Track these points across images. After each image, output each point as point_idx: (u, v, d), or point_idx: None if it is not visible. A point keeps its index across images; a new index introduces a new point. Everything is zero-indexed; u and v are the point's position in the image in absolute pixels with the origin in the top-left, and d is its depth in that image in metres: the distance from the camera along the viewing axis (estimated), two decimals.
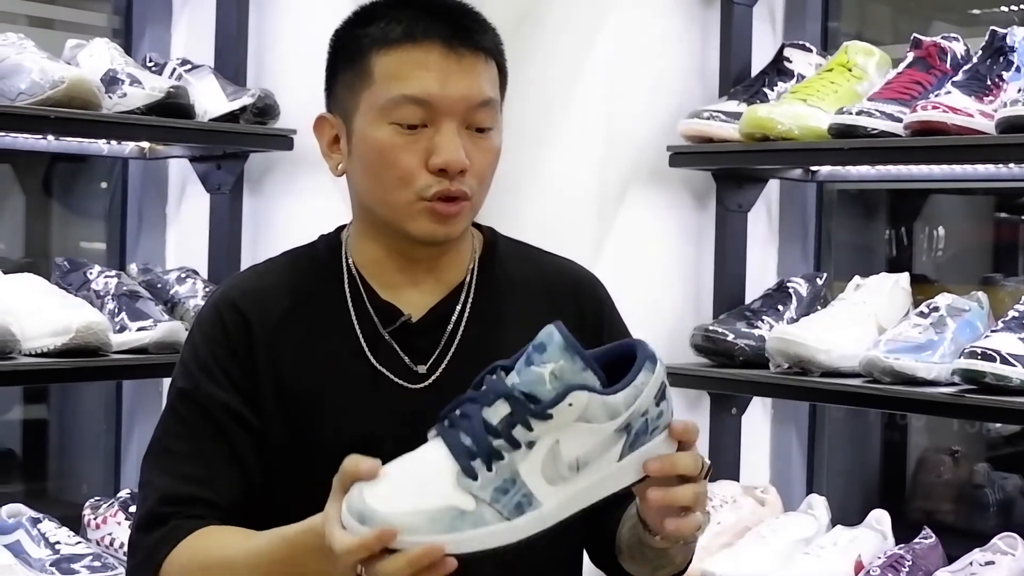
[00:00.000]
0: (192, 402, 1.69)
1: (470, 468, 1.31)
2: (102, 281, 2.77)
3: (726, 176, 2.98)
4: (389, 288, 1.73)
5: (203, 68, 2.94)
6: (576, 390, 1.32)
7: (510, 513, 1.31)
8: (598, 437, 1.34)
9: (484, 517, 1.31)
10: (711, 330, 2.81)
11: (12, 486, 3.39)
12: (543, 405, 1.32)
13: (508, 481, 1.31)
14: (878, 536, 2.70)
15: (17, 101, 2.52)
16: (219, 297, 1.75)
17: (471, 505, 1.31)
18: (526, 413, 1.32)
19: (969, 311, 2.59)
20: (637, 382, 1.35)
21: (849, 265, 3.21)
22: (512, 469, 1.31)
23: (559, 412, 1.32)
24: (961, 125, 2.43)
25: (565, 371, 1.33)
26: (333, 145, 1.73)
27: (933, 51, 2.66)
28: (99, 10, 3.39)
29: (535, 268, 1.81)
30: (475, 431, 1.32)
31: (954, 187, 3.34)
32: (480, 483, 1.31)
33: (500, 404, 1.33)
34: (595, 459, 1.34)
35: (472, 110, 1.65)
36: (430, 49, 1.64)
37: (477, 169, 1.66)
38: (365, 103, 1.66)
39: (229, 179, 2.99)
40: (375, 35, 1.66)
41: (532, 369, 1.33)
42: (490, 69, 1.68)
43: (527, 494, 1.32)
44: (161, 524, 1.63)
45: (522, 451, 1.32)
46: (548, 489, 1.33)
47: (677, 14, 3.05)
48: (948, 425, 3.42)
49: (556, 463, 1.33)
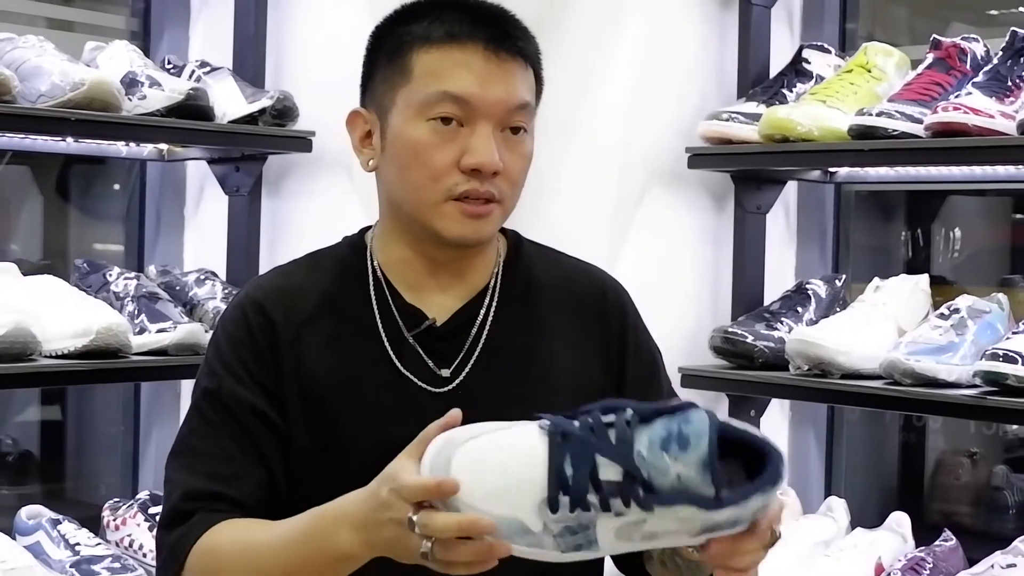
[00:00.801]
0: (216, 401, 1.69)
1: (555, 501, 1.31)
2: (121, 283, 2.78)
3: (745, 178, 2.98)
4: (413, 290, 1.73)
5: (222, 70, 2.94)
6: (688, 504, 1.30)
7: (566, 549, 1.33)
8: (683, 527, 1.32)
9: (543, 543, 1.32)
10: (730, 332, 2.80)
11: (31, 487, 3.40)
12: (652, 498, 1.30)
13: (581, 527, 1.32)
14: (898, 538, 2.70)
15: (38, 103, 2.53)
16: (243, 297, 1.75)
17: (538, 528, 1.32)
18: (632, 495, 1.30)
19: (989, 313, 2.59)
20: (749, 504, 1.32)
21: (867, 267, 3.20)
22: (591, 522, 1.31)
23: (661, 513, 1.30)
24: (982, 126, 2.42)
25: (690, 481, 1.30)
26: (365, 140, 1.73)
27: (953, 52, 2.66)
28: (117, 12, 3.39)
29: (560, 273, 1.81)
30: (579, 468, 1.31)
31: (972, 188, 3.33)
32: (556, 517, 1.31)
33: (615, 467, 1.30)
34: (667, 540, 1.35)
35: (509, 113, 1.66)
36: (472, 50, 1.64)
37: (510, 173, 1.66)
38: (403, 99, 1.66)
39: (248, 181, 2.99)
40: (417, 33, 1.67)
41: (663, 457, 1.30)
42: (528, 75, 1.69)
43: (592, 541, 1.33)
44: (184, 520, 1.63)
45: (609, 515, 1.31)
46: (612, 542, 1.33)
47: (695, 16, 3.05)
48: (965, 427, 3.41)
49: (632, 533, 1.32)
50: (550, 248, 1.86)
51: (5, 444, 3.41)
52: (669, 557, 1.61)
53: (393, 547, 1.40)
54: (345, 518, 1.45)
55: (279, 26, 3.05)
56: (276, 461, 1.66)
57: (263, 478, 1.65)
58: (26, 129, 2.63)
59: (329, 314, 1.72)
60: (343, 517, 1.46)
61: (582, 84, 2.94)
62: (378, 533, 1.41)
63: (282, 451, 1.67)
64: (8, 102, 2.46)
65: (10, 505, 3.10)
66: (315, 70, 3.02)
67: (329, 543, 1.47)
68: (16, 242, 3.47)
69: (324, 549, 1.47)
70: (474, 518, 1.31)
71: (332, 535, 1.46)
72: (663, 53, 3.01)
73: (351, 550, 1.45)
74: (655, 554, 1.66)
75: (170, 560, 1.63)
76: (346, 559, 1.47)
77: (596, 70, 2.95)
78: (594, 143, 2.96)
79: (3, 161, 3.33)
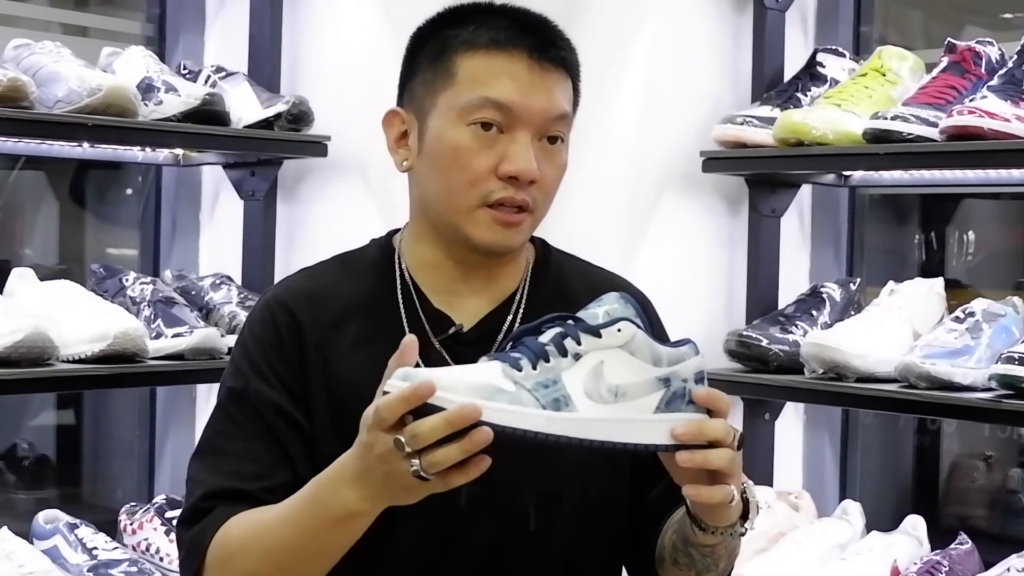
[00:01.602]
0: (242, 401, 1.69)
1: (516, 363, 1.39)
2: (138, 288, 2.79)
3: (759, 181, 2.98)
4: (441, 294, 1.74)
5: (237, 75, 2.95)
6: (626, 321, 1.42)
7: (548, 404, 1.38)
8: (639, 376, 1.41)
9: (522, 399, 1.37)
10: (745, 335, 2.81)
11: (47, 491, 3.41)
12: (594, 326, 1.41)
13: (550, 380, 1.39)
14: (914, 542, 2.70)
15: (55, 109, 2.54)
16: (271, 298, 1.75)
17: (512, 388, 1.37)
18: (577, 330, 1.41)
19: (1005, 316, 2.58)
20: (682, 350, 1.44)
21: (882, 270, 3.20)
22: (556, 372, 1.39)
23: (607, 333, 1.41)
24: (997, 130, 2.42)
25: (618, 311, 1.43)
26: (401, 140, 1.73)
27: (967, 55, 2.66)
28: (133, 18, 3.41)
29: (586, 282, 1.80)
30: (526, 347, 1.41)
31: (986, 191, 3.33)
32: (523, 375, 1.38)
33: (552, 329, 1.42)
34: (633, 396, 1.41)
35: (548, 123, 1.66)
36: (517, 58, 1.65)
37: (544, 182, 1.67)
38: (444, 102, 1.67)
39: (263, 186, 3.00)
40: (463, 37, 1.67)
41: (588, 309, 1.44)
42: (568, 86, 1.70)
43: (566, 395, 1.39)
44: (202, 518, 1.64)
45: (568, 360, 1.40)
46: (586, 402, 1.39)
47: (709, 20, 3.05)
48: (980, 430, 3.40)
49: (597, 382, 1.40)
50: (577, 257, 1.86)
51: (22, 448, 3.42)
52: (683, 550, 1.61)
53: (389, 487, 1.41)
54: (341, 476, 1.46)
55: (294, 31, 3.06)
56: (301, 462, 1.66)
57: (287, 480, 1.64)
58: (44, 135, 2.64)
59: (356, 316, 1.72)
60: (339, 476, 1.47)
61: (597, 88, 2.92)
62: (371, 479, 1.42)
63: (308, 452, 1.67)
64: (26, 108, 2.47)
65: (27, 509, 3.11)
66: (330, 75, 3.03)
67: (332, 505, 1.47)
68: (32, 247, 3.49)
69: (328, 512, 1.48)
70: (459, 407, 1.32)
71: (334, 496, 1.47)
72: (678, 57, 3.02)
73: (355, 506, 1.46)
74: (667, 554, 1.66)
75: (191, 555, 1.64)
76: (351, 517, 1.47)
77: (611, 75, 2.96)
78: (609, 147, 2.96)
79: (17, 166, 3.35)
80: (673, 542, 1.64)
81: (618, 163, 2.98)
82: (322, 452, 1.66)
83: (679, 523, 1.60)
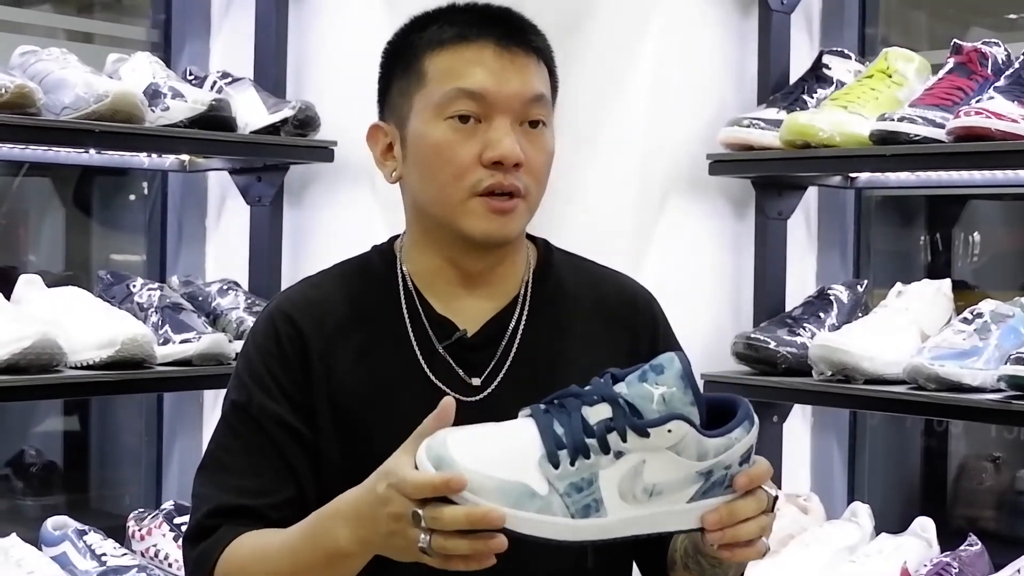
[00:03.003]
0: (245, 415, 1.69)
1: (555, 456, 1.33)
2: (145, 294, 2.79)
3: (766, 184, 2.98)
4: (444, 299, 1.73)
5: (243, 81, 2.95)
6: (679, 420, 1.34)
7: (576, 512, 1.33)
8: (681, 472, 1.36)
9: (552, 506, 1.33)
10: (753, 338, 2.80)
11: (55, 497, 3.41)
12: (644, 422, 1.34)
13: (585, 481, 1.33)
14: (923, 544, 2.69)
15: (62, 115, 2.54)
16: (273, 309, 1.75)
17: (544, 490, 1.33)
18: (626, 423, 1.34)
19: (1013, 317, 2.58)
20: (733, 435, 1.38)
21: (889, 272, 3.20)
22: (593, 472, 1.33)
23: (657, 434, 1.34)
24: (1005, 131, 2.42)
25: (675, 399, 1.35)
26: (387, 153, 1.74)
27: (974, 56, 2.66)
28: (138, 24, 3.41)
29: (590, 282, 1.81)
30: (571, 424, 1.34)
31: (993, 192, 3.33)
32: (559, 473, 1.33)
33: (602, 407, 1.35)
34: (669, 492, 1.36)
35: (525, 106, 1.67)
36: (483, 47, 1.66)
37: (532, 166, 1.67)
38: (420, 103, 1.68)
39: (269, 191, 3.00)
40: (428, 38, 1.69)
41: (644, 386, 1.36)
42: (542, 70, 1.71)
43: (598, 500, 1.34)
44: (208, 536, 1.63)
45: (609, 458, 1.34)
46: (618, 503, 1.34)
47: (715, 23, 3.05)
48: (987, 431, 3.40)
49: (634, 482, 1.35)
50: (580, 257, 1.86)
51: (29, 455, 3.43)
52: (692, 557, 1.61)
53: (389, 542, 1.40)
54: (340, 514, 1.46)
55: (300, 36, 3.06)
56: (306, 476, 1.66)
57: (292, 495, 1.65)
58: (51, 141, 2.64)
59: (360, 325, 1.72)
60: (339, 514, 1.46)
61: (603, 92, 2.94)
62: (373, 528, 1.41)
63: (312, 465, 1.67)
64: (33, 114, 2.47)
65: (35, 516, 3.11)
66: (336, 80, 3.03)
67: (326, 541, 1.47)
68: (38, 253, 3.49)
69: (322, 547, 1.48)
70: (485, 509, 1.31)
71: (329, 532, 1.47)
72: (684, 60, 3.02)
73: (347, 547, 1.45)
74: (678, 558, 1.66)
75: (196, 573, 1.64)
76: (343, 557, 1.47)
77: (617, 78, 2.95)
78: (615, 150, 2.96)
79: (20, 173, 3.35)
80: (685, 548, 1.63)
81: (625, 166, 2.98)
82: (327, 461, 1.67)
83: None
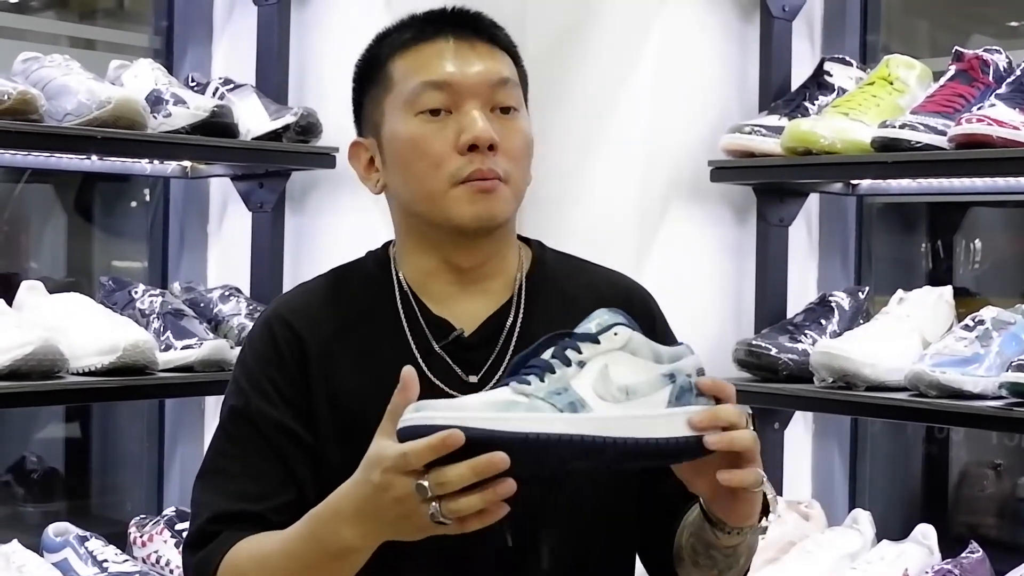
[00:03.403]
0: (244, 420, 1.69)
1: (523, 380, 1.40)
2: (147, 300, 2.79)
3: (767, 190, 2.98)
4: (440, 301, 1.74)
5: (245, 87, 2.95)
6: (620, 325, 1.45)
7: (564, 408, 1.38)
8: (645, 374, 1.43)
9: (539, 406, 1.38)
10: (754, 345, 2.81)
11: (56, 504, 3.41)
12: (591, 335, 1.44)
13: (561, 388, 1.40)
14: (924, 551, 2.69)
15: (64, 122, 2.55)
16: (270, 314, 1.75)
17: (526, 400, 1.38)
18: (575, 340, 1.43)
19: (1014, 324, 2.58)
20: (678, 349, 1.48)
21: (890, 279, 3.20)
22: (564, 381, 1.40)
23: (606, 338, 1.44)
24: (1006, 138, 2.42)
25: (608, 320, 1.46)
26: (369, 167, 1.77)
27: (975, 64, 2.66)
28: (140, 31, 3.42)
29: (586, 280, 1.82)
30: (530, 366, 1.42)
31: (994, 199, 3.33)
32: (533, 388, 1.39)
33: (550, 348, 1.44)
34: (644, 393, 1.42)
35: (493, 89, 1.69)
36: (442, 41, 1.70)
37: (509, 150, 1.68)
38: (390, 107, 1.71)
39: (271, 197, 3.01)
40: (390, 43, 1.74)
41: (580, 325, 1.46)
42: (505, 57, 1.73)
43: (579, 399, 1.39)
44: (209, 542, 1.63)
45: (573, 368, 1.41)
46: (600, 403, 1.40)
47: (716, 30, 3.06)
48: (988, 438, 3.40)
49: (606, 384, 1.41)
50: (574, 256, 1.87)
51: (30, 462, 3.43)
52: (703, 550, 1.62)
53: (399, 526, 1.41)
54: (341, 514, 1.46)
55: (302, 42, 3.07)
56: (306, 479, 1.66)
57: (292, 499, 1.65)
58: (53, 148, 2.65)
59: (357, 328, 1.72)
60: (339, 514, 1.46)
61: (605, 98, 2.94)
62: (380, 519, 1.42)
63: (312, 469, 1.67)
64: (35, 121, 2.48)
65: (36, 523, 3.12)
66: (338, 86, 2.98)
67: (332, 542, 1.47)
68: (39, 260, 3.49)
69: (328, 549, 1.48)
70: (487, 457, 1.32)
71: (333, 534, 1.47)
72: (685, 67, 3.02)
73: (354, 543, 1.46)
74: (685, 554, 1.67)
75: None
76: (351, 553, 1.48)
77: (619, 85, 2.95)
78: (617, 157, 2.96)
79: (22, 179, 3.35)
80: (692, 545, 1.64)
81: (626, 173, 2.98)
82: (327, 464, 1.66)
83: (697, 527, 1.61)
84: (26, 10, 3.37)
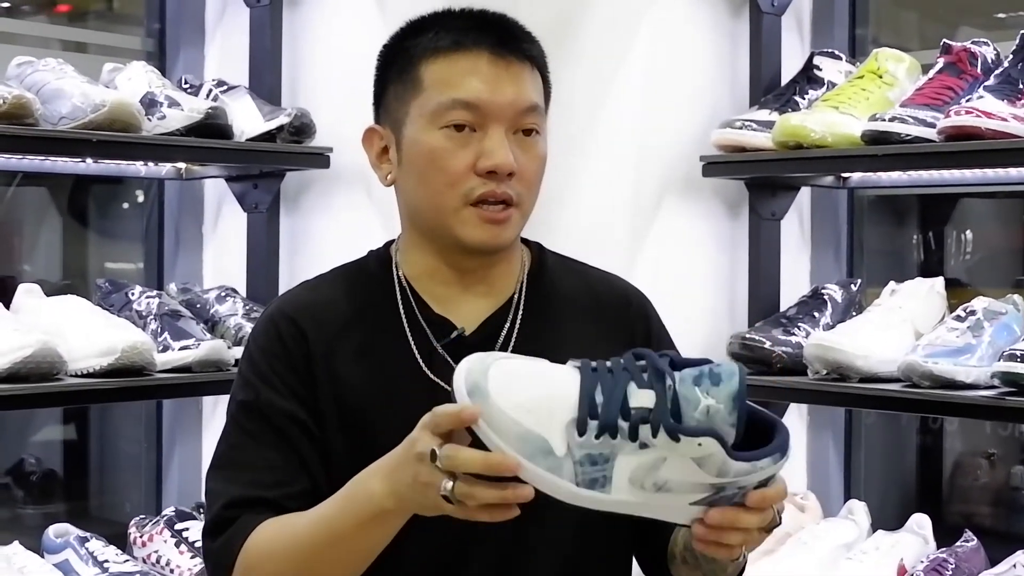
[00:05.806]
0: (255, 413, 1.70)
1: (584, 424, 1.34)
2: (144, 301, 2.80)
3: (759, 185, 2.99)
4: (441, 300, 1.75)
5: (239, 88, 2.96)
6: (713, 438, 1.33)
7: (582, 481, 1.35)
8: (696, 480, 1.35)
9: (562, 469, 1.34)
10: (748, 338, 2.82)
11: (56, 505, 3.42)
12: (680, 428, 1.33)
13: (602, 457, 1.34)
14: (919, 540, 2.71)
15: (59, 125, 2.56)
16: (274, 311, 1.77)
17: (561, 451, 1.34)
18: (661, 422, 1.33)
19: (1006, 314, 2.60)
20: (759, 464, 1.36)
21: (882, 271, 3.21)
22: (613, 452, 1.34)
23: (687, 443, 1.33)
24: (995, 129, 2.44)
25: (718, 416, 1.34)
26: (382, 156, 1.76)
27: (963, 56, 2.67)
28: (133, 33, 3.42)
29: (584, 283, 1.83)
30: (611, 398, 1.34)
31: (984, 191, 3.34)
32: (582, 442, 1.34)
33: (648, 394, 1.34)
34: (677, 492, 1.36)
35: (520, 115, 1.69)
36: (479, 56, 1.68)
37: (525, 174, 1.69)
38: (415, 110, 1.70)
39: (266, 198, 3.02)
40: (424, 45, 1.71)
41: (695, 389, 1.34)
42: (536, 78, 1.73)
43: (607, 477, 1.35)
44: (227, 527, 1.64)
45: (633, 446, 1.34)
46: (625, 487, 1.35)
47: (706, 25, 3.07)
48: (982, 428, 3.42)
49: (648, 474, 1.35)
50: (573, 259, 1.88)
51: (29, 464, 3.43)
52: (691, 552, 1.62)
53: (417, 491, 1.41)
54: (377, 468, 1.48)
55: (294, 43, 3.08)
56: (318, 469, 1.67)
57: (306, 487, 1.66)
58: (49, 151, 2.65)
59: (359, 326, 1.73)
60: (374, 469, 1.49)
61: (596, 95, 2.96)
62: (404, 475, 1.43)
63: (322, 460, 1.68)
64: (30, 125, 2.49)
65: (36, 524, 3.13)
66: (331, 86, 3.04)
67: (361, 499, 1.49)
68: (35, 263, 3.50)
69: (358, 508, 1.50)
70: (500, 457, 1.33)
71: (364, 489, 1.49)
72: (675, 63, 3.03)
73: (381, 500, 1.47)
74: (678, 552, 1.68)
75: (218, 567, 1.65)
76: (379, 515, 1.49)
77: (609, 81, 2.97)
78: (608, 153, 2.98)
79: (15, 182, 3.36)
80: (685, 542, 1.65)
81: (618, 169, 3.00)
82: (334, 461, 1.68)
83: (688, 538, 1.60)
84: (18, 14, 3.38)
